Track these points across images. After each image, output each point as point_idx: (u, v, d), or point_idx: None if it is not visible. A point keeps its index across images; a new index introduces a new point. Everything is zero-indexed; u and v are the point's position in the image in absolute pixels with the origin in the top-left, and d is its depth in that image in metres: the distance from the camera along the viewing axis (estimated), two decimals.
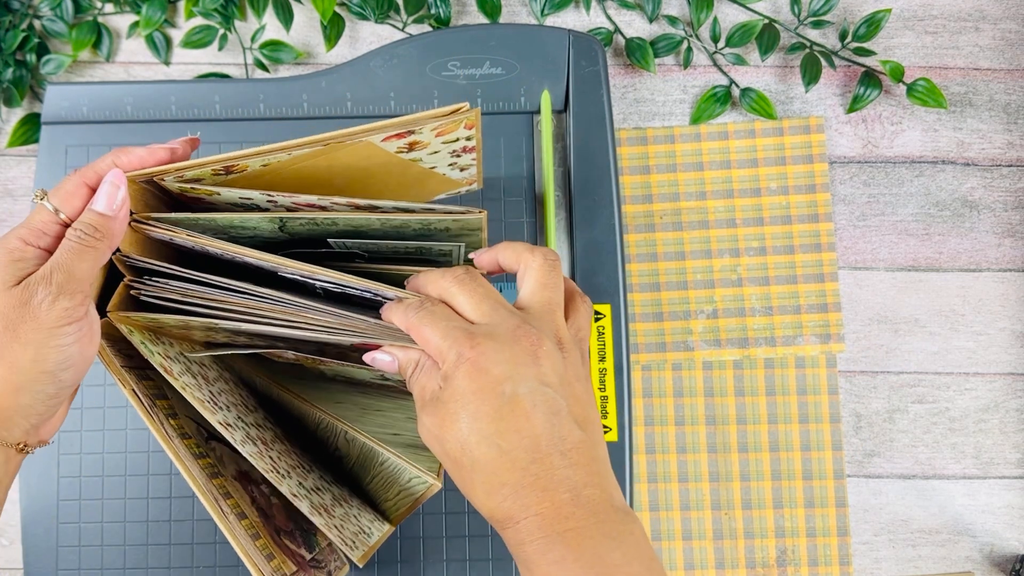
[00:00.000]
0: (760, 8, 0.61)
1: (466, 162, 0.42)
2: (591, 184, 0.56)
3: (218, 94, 0.57)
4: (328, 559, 0.46)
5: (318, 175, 0.39)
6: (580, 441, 0.33)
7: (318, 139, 0.35)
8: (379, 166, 0.39)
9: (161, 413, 0.38)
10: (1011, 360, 0.59)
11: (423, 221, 0.38)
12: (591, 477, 0.33)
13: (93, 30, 0.60)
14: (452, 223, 0.39)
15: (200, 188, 0.37)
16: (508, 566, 0.54)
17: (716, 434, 0.57)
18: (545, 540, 0.31)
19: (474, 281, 0.36)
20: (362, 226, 0.39)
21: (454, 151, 0.40)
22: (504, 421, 0.32)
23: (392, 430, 0.44)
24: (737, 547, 0.57)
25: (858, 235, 0.60)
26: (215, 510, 0.38)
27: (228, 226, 0.39)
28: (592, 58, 0.57)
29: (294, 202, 0.37)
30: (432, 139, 0.38)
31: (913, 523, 0.58)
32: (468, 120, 0.36)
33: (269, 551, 0.40)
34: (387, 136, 0.36)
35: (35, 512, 0.54)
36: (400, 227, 0.39)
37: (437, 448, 0.34)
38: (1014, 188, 0.60)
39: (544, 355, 0.33)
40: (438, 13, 0.59)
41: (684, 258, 0.59)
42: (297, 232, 0.40)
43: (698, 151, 0.60)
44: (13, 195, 0.60)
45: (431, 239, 0.41)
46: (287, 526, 0.44)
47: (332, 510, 0.42)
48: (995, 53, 0.61)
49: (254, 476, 0.44)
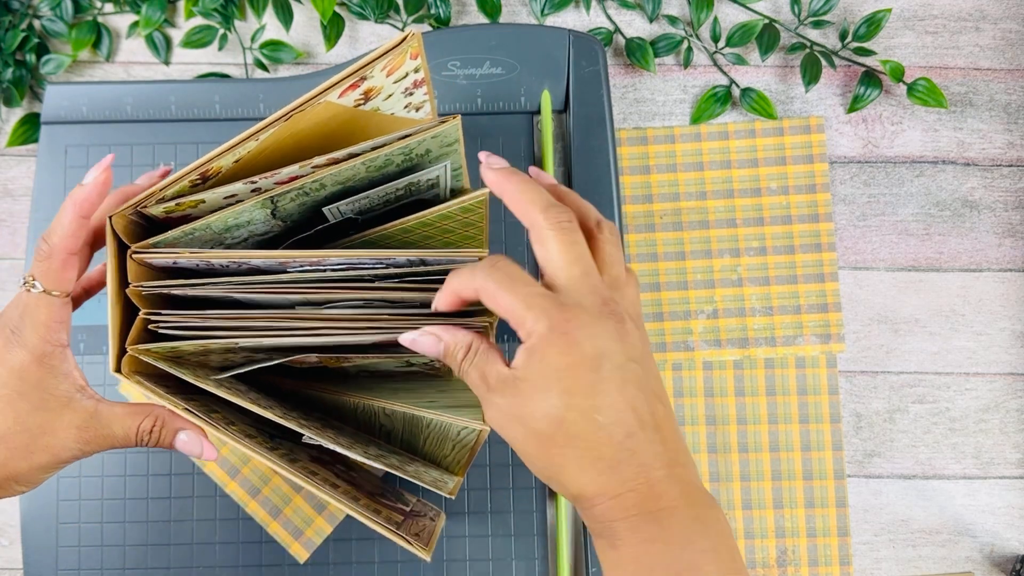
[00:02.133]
0: (760, 8, 0.61)
1: (419, 99, 0.41)
2: (591, 184, 0.56)
3: (218, 94, 0.57)
4: (424, 510, 0.48)
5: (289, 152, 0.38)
6: (667, 416, 0.33)
7: (279, 114, 0.35)
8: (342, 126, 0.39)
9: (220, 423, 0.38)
10: (1011, 360, 0.59)
11: (403, 150, 0.38)
12: (679, 455, 0.33)
13: (93, 30, 0.60)
14: (431, 140, 0.38)
15: (184, 202, 0.37)
16: (508, 566, 0.54)
17: (716, 434, 0.57)
18: (639, 517, 0.31)
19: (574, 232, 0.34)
20: (349, 179, 0.39)
21: (406, 89, 0.39)
22: (600, 396, 0.32)
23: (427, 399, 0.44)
24: (737, 547, 0.57)
25: (858, 235, 0.60)
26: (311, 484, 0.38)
27: (223, 229, 0.39)
28: (592, 58, 0.57)
29: (276, 181, 0.37)
30: (384, 81, 0.37)
31: (913, 523, 0.58)
32: (412, 49, 0.36)
33: (373, 507, 0.41)
34: (342, 90, 0.35)
35: (35, 512, 0.54)
36: (384, 166, 0.39)
37: (518, 429, 0.33)
38: (1014, 188, 0.60)
39: (628, 331, 0.33)
40: (438, 13, 0.59)
41: (684, 258, 0.59)
42: (290, 213, 0.40)
43: (698, 151, 0.60)
44: (13, 195, 0.60)
45: (415, 169, 0.41)
46: (377, 490, 0.46)
47: (405, 468, 0.43)
48: (995, 53, 0.61)
49: (326, 459, 0.45)
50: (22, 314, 0.36)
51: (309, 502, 0.55)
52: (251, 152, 0.36)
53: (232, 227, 0.39)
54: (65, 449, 0.37)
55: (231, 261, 0.37)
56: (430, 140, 0.38)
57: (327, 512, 0.55)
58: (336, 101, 0.36)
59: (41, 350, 0.36)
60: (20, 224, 0.60)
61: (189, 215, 0.38)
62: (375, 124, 0.40)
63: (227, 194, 0.37)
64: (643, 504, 0.31)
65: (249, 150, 0.36)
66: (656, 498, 0.31)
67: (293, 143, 0.38)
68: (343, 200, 0.40)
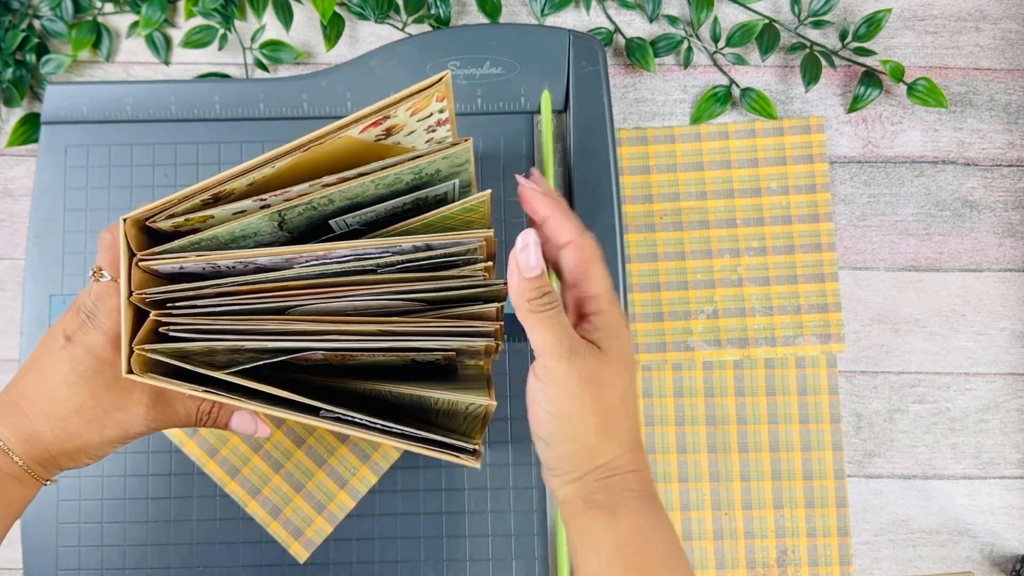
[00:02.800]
0: (760, 8, 0.61)
1: (441, 135, 0.42)
2: (591, 184, 0.56)
3: (218, 94, 0.57)
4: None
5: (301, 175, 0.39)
6: None
7: (298, 144, 0.35)
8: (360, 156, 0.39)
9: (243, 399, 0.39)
10: (1011, 360, 0.59)
11: (413, 169, 0.38)
12: None
13: (93, 30, 0.60)
14: (442, 161, 0.39)
15: (194, 217, 0.37)
16: (508, 566, 0.54)
17: (716, 434, 0.57)
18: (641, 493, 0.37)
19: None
20: (358, 195, 0.39)
21: (429, 127, 0.40)
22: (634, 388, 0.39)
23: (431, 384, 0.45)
24: (737, 547, 0.57)
25: (858, 235, 0.60)
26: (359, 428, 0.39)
27: (229, 239, 0.39)
28: (592, 58, 0.56)
29: (286, 198, 0.37)
30: (407, 120, 0.37)
31: (913, 523, 0.58)
32: (439, 92, 0.36)
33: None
34: (364, 127, 0.36)
35: (35, 512, 0.54)
36: (393, 184, 0.39)
37: (595, 392, 0.36)
38: (1014, 188, 0.60)
39: None
40: (438, 13, 0.59)
41: (684, 258, 0.59)
42: (297, 225, 0.40)
43: (698, 151, 0.60)
44: (13, 195, 0.60)
45: (425, 186, 0.41)
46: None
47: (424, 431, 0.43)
48: (995, 53, 0.61)
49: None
50: (95, 300, 0.38)
51: (309, 502, 0.55)
52: (266, 176, 0.37)
53: (239, 238, 0.39)
54: (134, 424, 0.40)
55: (237, 261, 0.37)
56: (440, 161, 0.39)
57: (327, 512, 0.55)
58: (357, 136, 0.36)
59: (115, 332, 0.38)
60: (20, 224, 0.60)
61: (197, 229, 0.38)
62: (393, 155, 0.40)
63: (236, 210, 0.37)
64: (642, 484, 0.37)
65: (265, 175, 0.36)
66: (648, 482, 0.38)
67: (307, 169, 0.38)
68: (350, 213, 0.40)
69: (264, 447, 0.55)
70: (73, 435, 0.39)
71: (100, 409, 0.39)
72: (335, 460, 0.55)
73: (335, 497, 0.55)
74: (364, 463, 0.55)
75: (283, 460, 0.55)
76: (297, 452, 0.55)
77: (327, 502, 0.55)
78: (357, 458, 0.55)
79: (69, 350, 0.38)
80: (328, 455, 0.55)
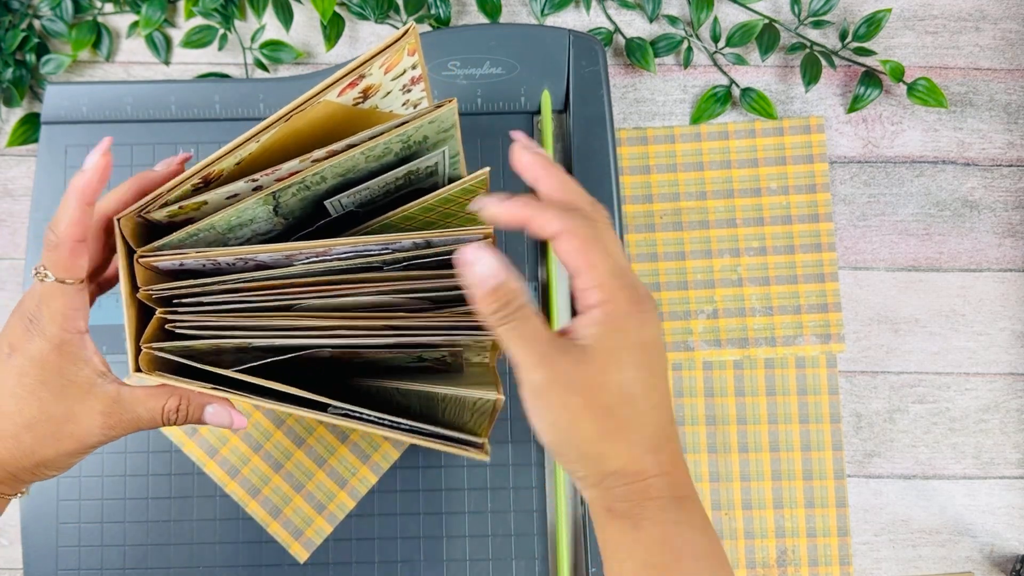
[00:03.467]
0: (760, 8, 0.61)
1: (417, 96, 0.41)
2: (591, 184, 0.56)
3: (218, 94, 0.57)
4: None
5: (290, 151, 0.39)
6: None
7: (279, 115, 0.35)
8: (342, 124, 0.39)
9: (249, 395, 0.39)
10: (1011, 360, 0.59)
11: (401, 137, 0.38)
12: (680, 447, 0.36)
13: (93, 30, 0.60)
14: (428, 126, 0.39)
15: (187, 205, 0.37)
16: (508, 566, 0.54)
17: (716, 434, 0.57)
18: (667, 500, 0.33)
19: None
20: (349, 170, 0.39)
21: (404, 86, 0.40)
22: (659, 378, 0.34)
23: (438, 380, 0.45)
24: (737, 547, 0.57)
25: (858, 235, 0.60)
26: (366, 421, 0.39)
27: (227, 228, 0.39)
28: (592, 58, 0.56)
29: (276, 177, 0.37)
30: (382, 78, 0.37)
31: (913, 523, 0.58)
32: (410, 44, 0.36)
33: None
34: (341, 89, 0.36)
35: (35, 512, 0.54)
36: (383, 155, 0.39)
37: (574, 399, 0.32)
38: (1014, 188, 0.60)
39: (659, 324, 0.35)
40: (438, 13, 0.59)
41: (684, 258, 0.59)
42: (292, 209, 0.40)
43: (698, 151, 0.60)
44: (13, 195, 0.60)
45: (414, 157, 0.41)
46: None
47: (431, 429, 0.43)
48: (995, 53, 0.61)
49: None
50: (39, 304, 0.36)
51: (309, 502, 0.55)
52: (252, 154, 0.37)
53: (236, 226, 0.39)
54: (90, 435, 0.37)
55: (237, 258, 0.37)
56: (427, 126, 0.39)
57: (327, 512, 0.55)
58: (335, 100, 0.36)
59: (60, 338, 0.36)
60: (20, 224, 0.60)
61: (192, 218, 0.38)
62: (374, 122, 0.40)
63: (229, 194, 0.37)
64: (671, 488, 0.33)
65: (251, 152, 0.36)
66: (679, 485, 0.33)
67: (294, 142, 0.38)
68: (344, 192, 0.40)
69: (264, 447, 0.55)
70: (27, 452, 0.36)
71: (52, 423, 0.37)
72: (335, 460, 0.55)
73: (335, 497, 0.55)
74: (364, 463, 0.55)
75: (283, 460, 0.55)
76: (297, 452, 0.55)
77: (327, 502, 0.55)
78: (357, 458, 0.55)
79: (13, 361, 0.36)
80: (328, 455, 0.55)
